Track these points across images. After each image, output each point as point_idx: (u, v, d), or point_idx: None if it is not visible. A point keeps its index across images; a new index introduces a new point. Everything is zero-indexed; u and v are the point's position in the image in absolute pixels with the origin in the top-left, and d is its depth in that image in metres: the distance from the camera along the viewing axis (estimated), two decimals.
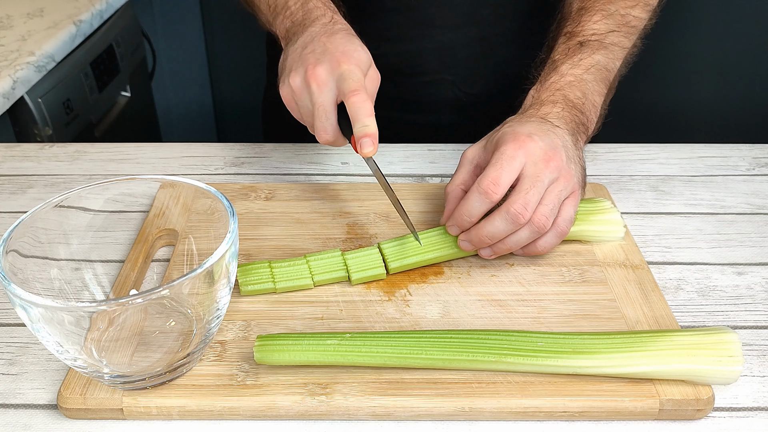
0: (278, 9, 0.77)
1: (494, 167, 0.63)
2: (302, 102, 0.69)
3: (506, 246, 0.65)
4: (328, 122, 0.68)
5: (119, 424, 0.54)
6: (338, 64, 0.67)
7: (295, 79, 0.69)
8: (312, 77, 0.67)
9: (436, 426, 0.54)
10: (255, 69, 2.07)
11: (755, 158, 0.88)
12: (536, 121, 0.67)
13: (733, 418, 0.54)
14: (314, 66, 0.67)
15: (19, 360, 0.59)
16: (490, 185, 0.62)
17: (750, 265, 0.69)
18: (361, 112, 0.65)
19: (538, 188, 0.62)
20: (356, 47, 0.70)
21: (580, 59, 0.73)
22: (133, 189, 0.62)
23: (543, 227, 0.63)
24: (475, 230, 0.64)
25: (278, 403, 0.53)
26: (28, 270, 0.54)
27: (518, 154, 0.63)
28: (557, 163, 0.63)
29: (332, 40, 0.70)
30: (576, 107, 0.70)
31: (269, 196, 0.77)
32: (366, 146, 0.65)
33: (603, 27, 0.75)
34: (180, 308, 0.56)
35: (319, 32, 0.71)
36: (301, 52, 0.70)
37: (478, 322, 0.61)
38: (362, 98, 0.65)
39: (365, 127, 0.65)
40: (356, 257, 0.65)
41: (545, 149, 0.63)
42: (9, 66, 1.15)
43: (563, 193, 0.64)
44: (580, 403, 0.53)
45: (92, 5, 1.40)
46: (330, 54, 0.68)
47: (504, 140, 0.64)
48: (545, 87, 0.71)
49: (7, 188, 0.82)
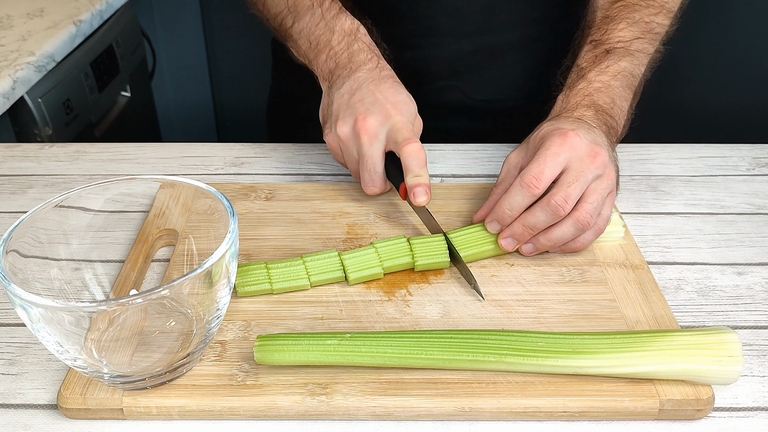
0: (320, 47, 0.77)
1: (537, 162, 0.63)
2: (349, 151, 0.71)
3: (550, 241, 0.65)
4: (376, 175, 0.70)
5: (119, 424, 0.54)
6: (389, 117, 0.69)
7: (344, 128, 0.70)
8: (362, 129, 0.69)
9: (436, 426, 0.54)
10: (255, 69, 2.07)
11: (755, 158, 0.88)
12: (574, 120, 0.68)
13: (733, 418, 0.54)
14: (364, 117, 0.69)
15: (19, 360, 0.59)
16: (532, 179, 0.63)
17: (750, 265, 0.69)
18: (415, 163, 0.67)
19: (581, 182, 0.63)
20: (404, 98, 0.71)
21: (607, 66, 0.74)
22: (133, 189, 0.62)
23: (587, 224, 0.64)
24: (518, 222, 0.65)
25: (278, 403, 0.53)
26: (28, 270, 0.54)
27: (563, 149, 0.63)
28: (602, 159, 0.64)
29: (380, 89, 0.71)
30: (606, 112, 0.71)
31: (269, 196, 0.77)
32: (419, 195, 0.67)
33: (628, 34, 0.76)
34: (180, 308, 0.56)
35: (366, 79, 0.72)
36: (349, 100, 0.71)
37: (478, 322, 0.61)
38: (417, 149, 0.67)
39: (419, 177, 0.67)
40: (353, 257, 0.65)
41: (590, 145, 0.64)
42: (9, 66, 1.15)
43: (605, 191, 0.65)
44: (580, 403, 0.53)
45: (92, 5, 1.40)
46: (380, 105, 0.69)
47: (549, 136, 0.65)
48: (574, 93, 0.72)
49: (7, 188, 0.82)
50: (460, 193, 0.78)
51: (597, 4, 0.80)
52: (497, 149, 0.89)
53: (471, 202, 0.76)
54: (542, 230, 0.65)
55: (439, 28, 0.90)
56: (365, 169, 0.70)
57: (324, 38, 0.77)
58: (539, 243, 0.65)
